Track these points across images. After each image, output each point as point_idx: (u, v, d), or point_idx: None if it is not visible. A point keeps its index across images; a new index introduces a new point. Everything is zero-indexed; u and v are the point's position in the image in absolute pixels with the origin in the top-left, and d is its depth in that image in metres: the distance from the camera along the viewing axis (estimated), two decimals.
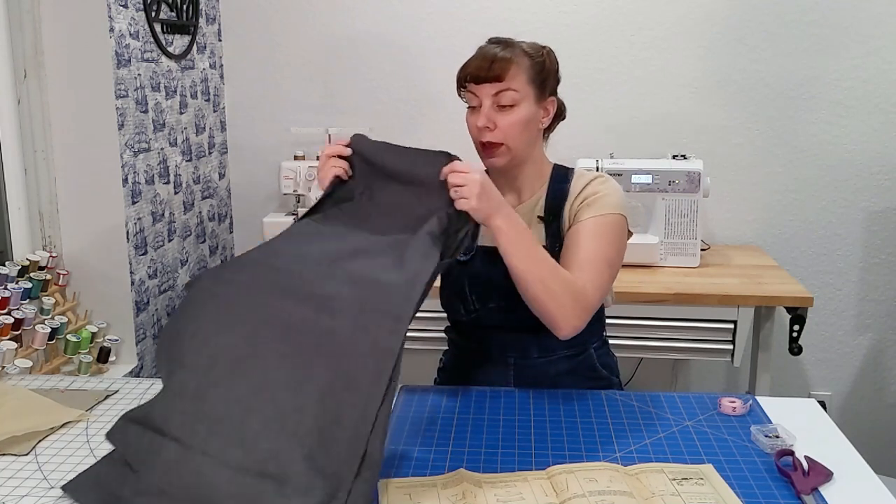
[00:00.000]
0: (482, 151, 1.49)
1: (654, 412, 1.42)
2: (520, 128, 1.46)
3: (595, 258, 1.40)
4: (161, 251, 2.40)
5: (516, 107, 1.45)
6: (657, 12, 2.65)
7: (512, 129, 1.45)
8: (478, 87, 1.45)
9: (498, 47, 1.45)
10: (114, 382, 1.59)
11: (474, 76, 1.45)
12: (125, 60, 2.15)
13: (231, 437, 1.06)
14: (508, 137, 1.46)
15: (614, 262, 1.44)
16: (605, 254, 1.42)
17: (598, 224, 1.44)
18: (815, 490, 1.15)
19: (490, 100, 1.45)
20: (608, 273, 1.42)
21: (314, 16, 2.77)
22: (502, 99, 1.44)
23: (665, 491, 1.14)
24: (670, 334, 2.28)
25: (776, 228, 2.75)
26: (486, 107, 1.45)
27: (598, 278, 1.39)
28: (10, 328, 1.87)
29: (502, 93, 1.44)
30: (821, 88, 2.64)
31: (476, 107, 1.47)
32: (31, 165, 2.08)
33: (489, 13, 2.70)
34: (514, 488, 1.15)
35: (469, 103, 1.49)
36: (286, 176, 2.63)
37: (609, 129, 2.72)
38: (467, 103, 1.50)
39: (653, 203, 2.44)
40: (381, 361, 1.08)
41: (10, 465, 1.25)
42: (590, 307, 1.37)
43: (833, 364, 2.82)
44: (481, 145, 1.49)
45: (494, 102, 1.45)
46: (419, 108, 2.79)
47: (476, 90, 1.45)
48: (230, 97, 2.87)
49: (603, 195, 1.47)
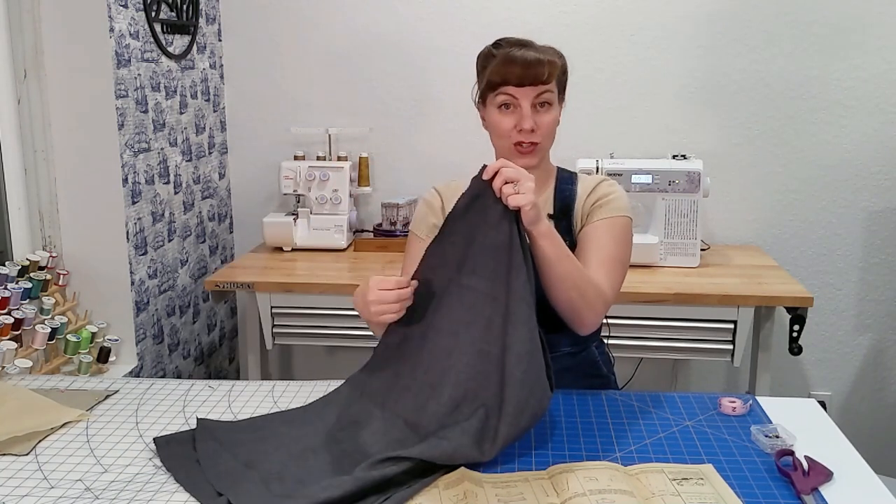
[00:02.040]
0: (517, 152, 1.49)
1: (654, 412, 1.42)
2: (553, 127, 1.50)
3: (610, 258, 1.48)
4: (161, 251, 2.40)
5: (551, 107, 1.48)
6: (657, 12, 2.65)
7: (549, 129, 1.49)
8: (519, 89, 1.45)
9: (531, 50, 1.46)
10: (114, 382, 1.59)
11: (519, 79, 1.44)
12: (125, 60, 2.15)
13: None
14: (545, 137, 1.49)
15: (625, 262, 1.52)
16: (618, 254, 1.49)
17: (611, 225, 1.50)
18: (815, 490, 1.15)
19: (529, 101, 1.45)
20: (621, 273, 1.50)
21: (314, 16, 2.77)
22: (540, 100, 1.46)
23: (665, 491, 1.14)
24: (670, 334, 2.28)
25: (776, 228, 2.75)
26: (527, 108, 1.46)
27: (614, 278, 1.47)
28: (10, 328, 1.87)
29: (541, 94, 1.46)
30: (821, 88, 2.64)
31: (511, 108, 1.47)
32: (31, 165, 2.08)
33: (489, 13, 2.70)
34: (514, 488, 1.15)
35: (504, 103, 1.47)
36: (286, 176, 2.63)
37: (609, 129, 2.72)
38: (499, 104, 1.48)
39: (653, 203, 2.44)
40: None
41: (10, 465, 1.25)
42: (609, 305, 1.45)
43: (833, 364, 2.82)
44: (517, 146, 1.48)
45: (533, 104, 1.46)
46: (419, 108, 2.79)
47: (516, 93, 1.45)
48: (230, 97, 2.87)
49: (614, 198, 1.53)
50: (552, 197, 1.57)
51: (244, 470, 1.21)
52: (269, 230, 2.61)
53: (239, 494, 1.14)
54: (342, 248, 2.65)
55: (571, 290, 1.37)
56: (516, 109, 1.46)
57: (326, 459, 1.24)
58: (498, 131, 1.49)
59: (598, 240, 1.49)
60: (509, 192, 1.26)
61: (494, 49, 1.50)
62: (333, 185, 2.63)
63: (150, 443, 1.32)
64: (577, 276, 1.37)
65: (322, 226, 2.63)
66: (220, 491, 1.16)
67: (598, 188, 1.55)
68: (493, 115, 1.49)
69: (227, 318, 2.96)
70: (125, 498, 1.15)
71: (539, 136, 1.48)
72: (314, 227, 2.64)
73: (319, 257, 2.59)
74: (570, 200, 1.56)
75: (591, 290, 1.39)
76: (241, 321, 3.01)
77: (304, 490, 1.14)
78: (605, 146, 2.68)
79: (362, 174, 2.77)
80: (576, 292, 1.37)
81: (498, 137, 1.51)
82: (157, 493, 1.16)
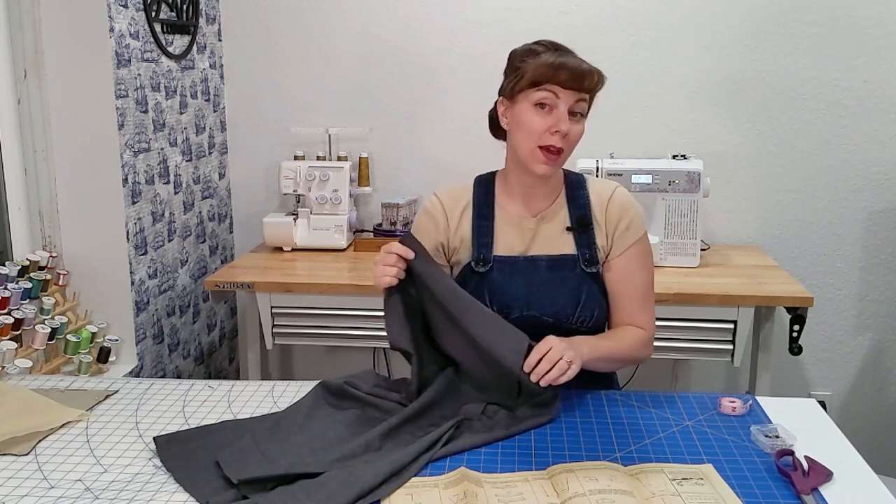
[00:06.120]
0: (542, 156, 1.45)
1: (654, 412, 1.42)
2: (579, 139, 1.48)
3: (644, 290, 1.55)
4: (161, 251, 2.40)
5: (582, 119, 1.47)
6: (658, 12, 2.65)
7: (575, 139, 1.47)
8: (564, 90, 1.42)
9: (578, 58, 1.45)
10: (114, 382, 1.59)
11: (566, 81, 1.42)
12: (125, 60, 2.15)
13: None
14: (570, 145, 1.47)
15: (653, 278, 1.59)
16: (648, 280, 1.56)
17: (639, 253, 1.55)
18: (815, 490, 1.15)
19: (567, 105, 1.43)
20: (653, 294, 1.58)
21: (314, 16, 2.77)
22: (576, 108, 1.44)
23: (665, 491, 1.14)
24: (670, 334, 2.27)
25: (776, 228, 2.75)
26: (565, 111, 1.43)
27: (651, 306, 1.56)
28: (10, 328, 1.87)
29: (579, 102, 1.44)
30: (821, 88, 2.64)
31: (547, 109, 1.44)
32: (31, 165, 2.08)
33: (489, 13, 2.70)
34: (514, 488, 1.15)
35: (541, 102, 1.44)
36: (286, 176, 2.63)
37: (609, 129, 2.72)
38: (537, 101, 1.44)
39: (653, 203, 2.44)
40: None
41: (10, 465, 1.25)
42: (653, 335, 1.56)
43: (833, 364, 2.82)
44: (543, 149, 1.45)
45: (569, 109, 1.44)
46: (419, 108, 2.79)
47: (559, 92, 1.42)
48: (230, 97, 2.87)
49: (633, 216, 1.55)
50: (566, 206, 1.55)
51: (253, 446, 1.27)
52: (269, 230, 2.61)
53: (230, 461, 1.21)
54: (342, 248, 2.65)
55: (627, 361, 1.53)
56: (552, 111, 1.43)
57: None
58: (528, 129, 1.44)
59: (631, 277, 1.54)
60: (549, 380, 1.29)
61: (537, 47, 1.47)
62: (333, 185, 2.63)
63: (150, 443, 1.32)
64: (625, 358, 1.50)
65: (322, 226, 2.63)
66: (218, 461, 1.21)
67: (613, 200, 1.54)
68: (525, 111, 1.45)
69: (227, 318, 2.96)
70: (125, 498, 1.15)
71: (566, 143, 1.45)
72: (314, 227, 2.64)
73: (319, 257, 2.59)
74: (585, 210, 1.54)
75: (638, 352, 1.52)
76: (241, 321, 3.01)
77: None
78: (605, 146, 2.67)
79: (362, 174, 2.77)
80: (631, 360, 1.53)
81: (526, 137, 1.45)
82: (157, 493, 1.16)
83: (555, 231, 1.53)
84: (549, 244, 1.53)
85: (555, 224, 1.54)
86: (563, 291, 1.50)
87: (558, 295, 1.50)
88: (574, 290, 1.50)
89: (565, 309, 1.49)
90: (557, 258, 1.52)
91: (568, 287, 1.50)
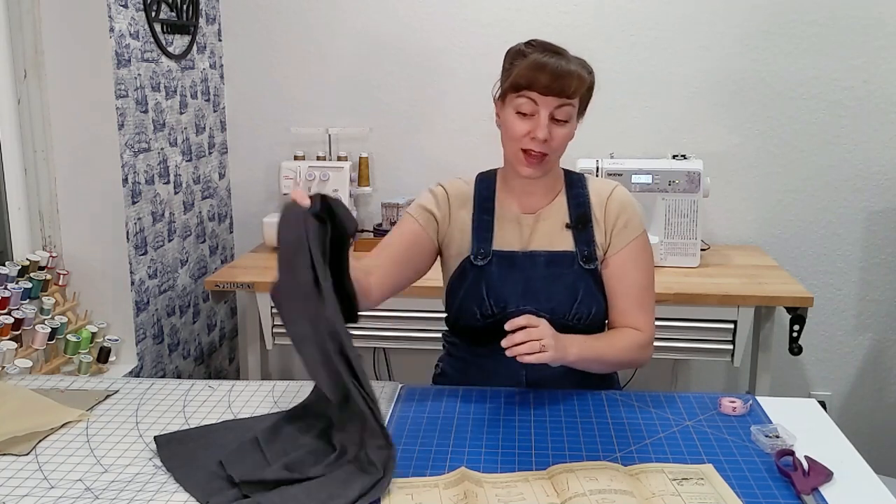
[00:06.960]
0: (524, 159, 1.46)
1: (654, 412, 1.42)
2: (566, 142, 1.48)
3: (641, 291, 1.54)
4: (161, 251, 2.40)
5: (568, 122, 1.46)
6: (658, 12, 2.65)
7: (561, 143, 1.47)
8: (542, 97, 1.42)
9: (563, 60, 1.43)
10: (114, 382, 1.59)
11: (544, 87, 1.41)
12: (125, 60, 2.15)
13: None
14: (554, 150, 1.47)
15: (653, 278, 1.57)
16: (646, 280, 1.55)
17: (637, 251, 1.54)
18: (815, 490, 1.15)
19: (548, 111, 1.43)
20: (652, 294, 1.56)
21: (314, 16, 2.77)
22: (559, 113, 1.44)
23: (665, 491, 1.14)
24: (670, 334, 2.27)
25: (776, 228, 2.75)
26: (545, 118, 1.43)
27: (649, 307, 1.55)
28: (10, 328, 1.87)
29: (562, 107, 1.44)
30: (821, 88, 2.64)
31: (528, 114, 1.44)
32: (31, 165, 2.08)
33: (489, 13, 2.70)
34: (514, 488, 1.15)
35: (520, 109, 1.45)
36: (286, 176, 2.63)
37: (609, 129, 2.72)
38: (518, 107, 1.45)
39: (653, 203, 2.44)
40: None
41: (10, 465, 1.25)
42: (652, 337, 1.54)
43: (833, 364, 2.82)
44: (525, 153, 1.46)
45: (551, 114, 1.44)
46: (419, 108, 2.79)
47: (538, 99, 1.43)
48: (230, 97, 2.87)
49: (631, 214, 1.55)
50: (565, 203, 1.56)
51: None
52: (269, 230, 2.61)
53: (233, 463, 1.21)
54: None
55: (623, 364, 1.53)
56: (533, 116, 1.44)
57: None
58: (510, 133, 1.47)
59: (626, 276, 1.53)
60: (525, 351, 1.29)
61: (527, 48, 1.47)
62: (333, 184, 2.63)
63: (150, 443, 1.32)
64: (619, 360, 1.50)
65: None
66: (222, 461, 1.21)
67: (612, 198, 1.55)
68: (509, 115, 1.46)
69: (227, 318, 2.96)
70: (125, 498, 1.15)
71: (549, 148, 1.45)
72: None
73: None
74: (585, 207, 1.55)
75: (635, 354, 1.51)
76: (241, 321, 3.00)
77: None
78: (605, 146, 2.68)
79: (362, 174, 2.77)
80: (625, 365, 1.54)
81: (509, 139, 1.48)
82: (157, 493, 1.16)
83: (553, 228, 1.54)
84: (548, 240, 1.54)
85: (553, 221, 1.55)
86: (559, 287, 1.50)
87: (555, 290, 1.50)
88: (571, 287, 1.50)
89: (562, 305, 1.50)
90: (556, 254, 1.52)
91: (565, 283, 1.51)
